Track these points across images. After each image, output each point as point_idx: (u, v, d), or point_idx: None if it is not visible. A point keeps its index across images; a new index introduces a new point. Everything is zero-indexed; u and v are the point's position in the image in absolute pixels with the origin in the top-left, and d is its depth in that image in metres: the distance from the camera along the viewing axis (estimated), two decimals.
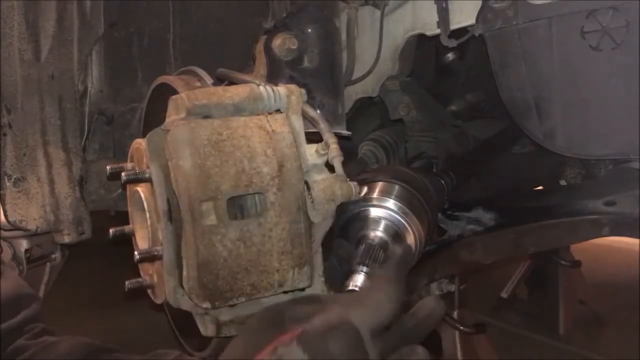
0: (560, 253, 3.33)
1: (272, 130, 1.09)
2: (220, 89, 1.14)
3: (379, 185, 1.30)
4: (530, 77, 1.41)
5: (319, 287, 1.15)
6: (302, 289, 1.13)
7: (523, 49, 1.39)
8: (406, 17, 1.75)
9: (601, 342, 3.27)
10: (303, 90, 1.17)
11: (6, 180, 1.68)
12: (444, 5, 1.57)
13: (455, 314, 2.58)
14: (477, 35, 1.47)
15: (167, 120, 1.10)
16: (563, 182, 2.11)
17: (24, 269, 2.09)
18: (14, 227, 1.72)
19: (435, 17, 1.61)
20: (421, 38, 1.78)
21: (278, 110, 1.15)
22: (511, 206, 1.69)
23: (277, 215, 1.06)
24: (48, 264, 2.19)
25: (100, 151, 1.97)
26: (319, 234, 1.13)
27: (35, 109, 1.71)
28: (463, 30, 1.56)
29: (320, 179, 1.13)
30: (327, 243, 1.17)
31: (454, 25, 1.58)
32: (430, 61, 2.18)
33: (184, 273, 1.05)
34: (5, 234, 1.91)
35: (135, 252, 1.12)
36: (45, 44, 1.69)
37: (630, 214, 1.37)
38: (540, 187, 2.28)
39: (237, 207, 1.08)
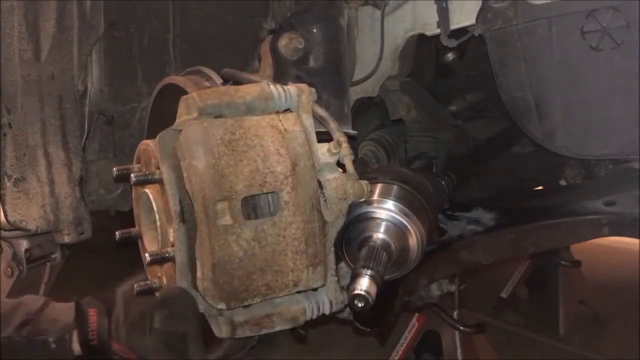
0: (560, 253, 3.33)
1: (285, 129, 1.09)
2: (231, 89, 1.13)
3: (379, 186, 1.30)
4: (530, 77, 1.41)
5: (332, 286, 1.15)
6: (316, 289, 1.12)
7: (523, 49, 1.39)
8: (406, 17, 1.75)
9: (601, 342, 3.26)
10: (313, 90, 1.17)
11: (6, 180, 1.68)
12: (444, 5, 1.57)
13: (455, 314, 2.58)
14: (477, 35, 1.47)
15: (178, 120, 1.09)
16: (563, 182, 2.11)
17: (24, 269, 2.09)
18: (14, 227, 1.71)
19: (435, 17, 1.61)
20: (421, 38, 1.78)
21: (288, 110, 1.15)
22: (511, 206, 1.69)
23: (292, 214, 1.05)
24: (48, 264, 2.19)
25: (100, 151, 1.96)
26: (332, 233, 1.13)
27: (35, 109, 1.70)
28: (463, 30, 1.56)
29: (332, 178, 1.12)
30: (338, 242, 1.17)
31: (454, 25, 1.58)
32: (430, 61, 2.18)
33: (198, 274, 1.04)
34: (5, 234, 1.91)
35: (146, 255, 1.12)
36: (45, 44, 1.69)
37: (630, 214, 1.37)
38: (540, 187, 2.28)
39: (250, 206, 1.07)
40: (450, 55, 2.17)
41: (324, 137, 1.19)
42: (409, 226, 1.24)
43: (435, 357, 2.67)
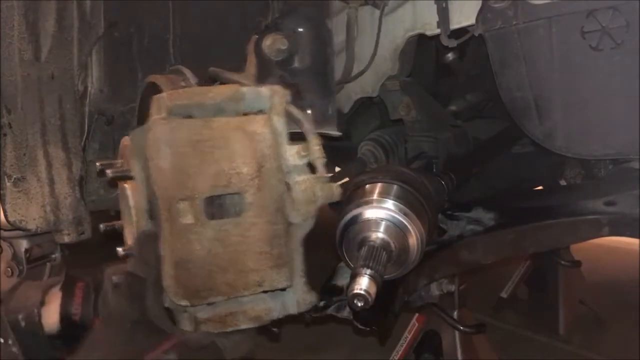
0: (560, 253, 3.33)
1: (253, 131, 1.10)
2: (204, 89, 1.16)
3: (379, 186, 1.30)
4: (530, 77, 1.41)
5: (299, 287, 1.16)
6: (282, 289, 1.14)
7: (523, 49, 1.39)
8: (406, 17, 1.75)
9: (601, 342, 3.27)
10: (287, 91, 1.18)
11: (6, 180, 1.68)
12: (444, 5, 1.57)
13: (455, 314, 2.58)
14: (477, 35, 1.47)
15: (149, 119, 1.11)
16: (563, 182, 2.11)
17: (24, 269, 2.09)
18: (14, 227, 1.72)
19: (435, 17, 1.61)
20: (421, 38, 1.78)
21: (261, 111, 1.16)
22: (511, 206, 1.69)
23: (255, 215, 1.07)
24: (48, 264, 2.19)
25: (100, 151, 1.96)
26: (299, 235, 1.14)
27: (35, 109, 1.71)
28: (463, 30, 1.56)
29: (300, 180, 1.14)
30: (316, 245, 1.17)
31: (454, 25, 1.58)
32: (430, 61, 2.18)
33: (162, 271, 1.06)
34: (5, 234, 1.91)
35: (119, 249, 1.13)
36: (45, 44, 1.69)
37: (630, 214, 1.37)
38: (540, 187, 2.28)
39: (216, 206, 1.08)
40: (450, 55, 2.17)
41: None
42: (408, 226, 1.23)
43: (435, 357, 2.67)
